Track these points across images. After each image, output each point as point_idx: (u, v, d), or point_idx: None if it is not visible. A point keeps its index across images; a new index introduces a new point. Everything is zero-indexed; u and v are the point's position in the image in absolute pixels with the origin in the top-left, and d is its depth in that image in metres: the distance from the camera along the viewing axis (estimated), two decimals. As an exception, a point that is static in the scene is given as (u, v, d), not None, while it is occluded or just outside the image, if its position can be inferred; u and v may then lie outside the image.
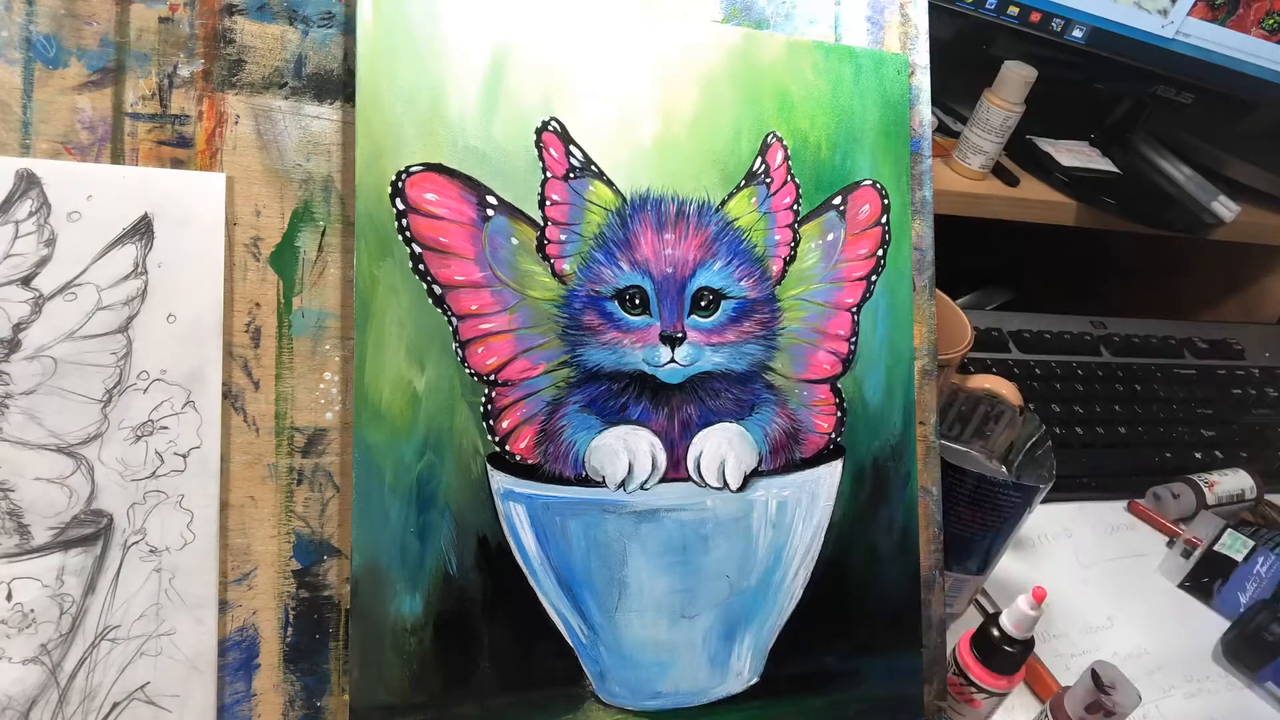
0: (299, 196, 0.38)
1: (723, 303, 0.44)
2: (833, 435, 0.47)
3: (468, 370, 0.40)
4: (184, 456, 0.37)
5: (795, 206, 0.46)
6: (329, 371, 0.39)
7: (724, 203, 0.44)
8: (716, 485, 0.44)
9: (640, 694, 0.43)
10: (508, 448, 0.41)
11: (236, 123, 0.38)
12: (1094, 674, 0.49)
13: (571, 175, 0.41)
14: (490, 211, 0.40)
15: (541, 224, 0.41)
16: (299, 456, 0.39)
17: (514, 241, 0.41)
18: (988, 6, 0.79)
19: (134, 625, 0.36)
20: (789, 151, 0.46)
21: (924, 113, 0.50)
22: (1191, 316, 1.07)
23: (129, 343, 0.36)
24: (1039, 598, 0.49)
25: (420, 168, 0.39)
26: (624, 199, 0.42)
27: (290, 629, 0.38)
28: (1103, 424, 0.84)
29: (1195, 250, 1.03)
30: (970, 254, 0.79)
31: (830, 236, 0.47)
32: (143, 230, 0.36)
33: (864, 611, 0.47)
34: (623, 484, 0.42)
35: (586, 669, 0.42)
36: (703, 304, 0.43)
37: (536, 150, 0.41)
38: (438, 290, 0.39)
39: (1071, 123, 0.95)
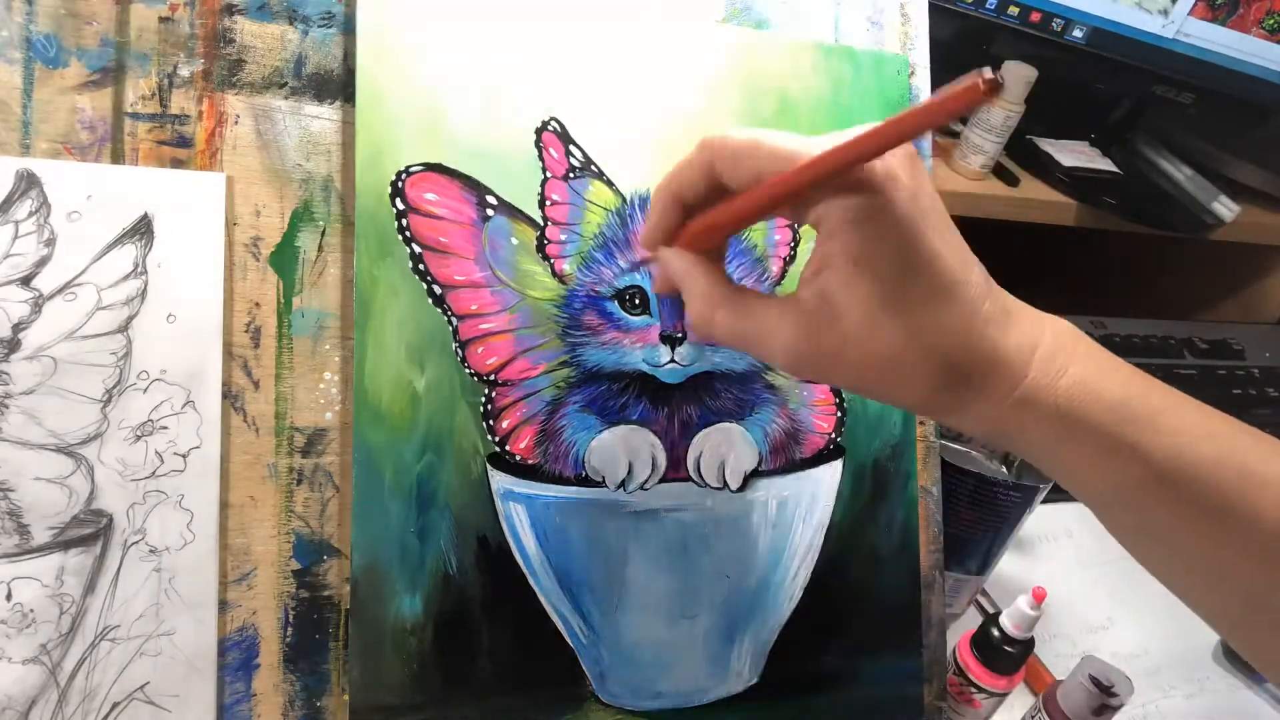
0: (299, 196, 0.38)
1: (723, 303, 0.43)
2: (833, 435, 0.47)
3: (468, 370, 0.40)
4: (184, 456, 0.37)
5: (795, 206, 0.46)
6: (329, 371, 0.39)
7: (724, 203, 0.44)
8: (716, 485, 0.44)
9: (640, 694, 0.43)
10: (508, 448, 0.41)
11: (236, 122, 0.38)
12: (1094, 679, 0.48)
13: (571, 175, 0.41)
14: (490, 211, 0.40)
15: (541, 224, 0.41)
16: (299, 456, 0.39)
17: (514, 241, 0.41)
18: (988, 6, 0.79)
19: (134, 625, 0.36)
20: (789, 151, 0.45)
21: (924, 113, 0.50)
22: (1191, 316, 1.07)
23: (129, 343, 0.36)
24: (1039, 598, 0.49)
25: (420, 168, 0.39)
26: (624, 199, 0.42)
27: (290, 629, 0.38)
28: (1103, 424, 0.84)
29: (1195, 250, 1.03)
30: (970, 254, 0.79)
31: (830, 236, 0.47)
32: (143, 230, 0.36)
33: (864, 612, 0.47)
34: (623, 484, 0.42)
35: (586, 669, 0.42)
36: (703, 304, 0.43)
37: (536, 150, 0.41)
38: (438, 290, 0.39)
39: (1071, 123, 0.95)
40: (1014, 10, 0.79)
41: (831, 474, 0.46)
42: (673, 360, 0.42)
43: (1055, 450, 0.30)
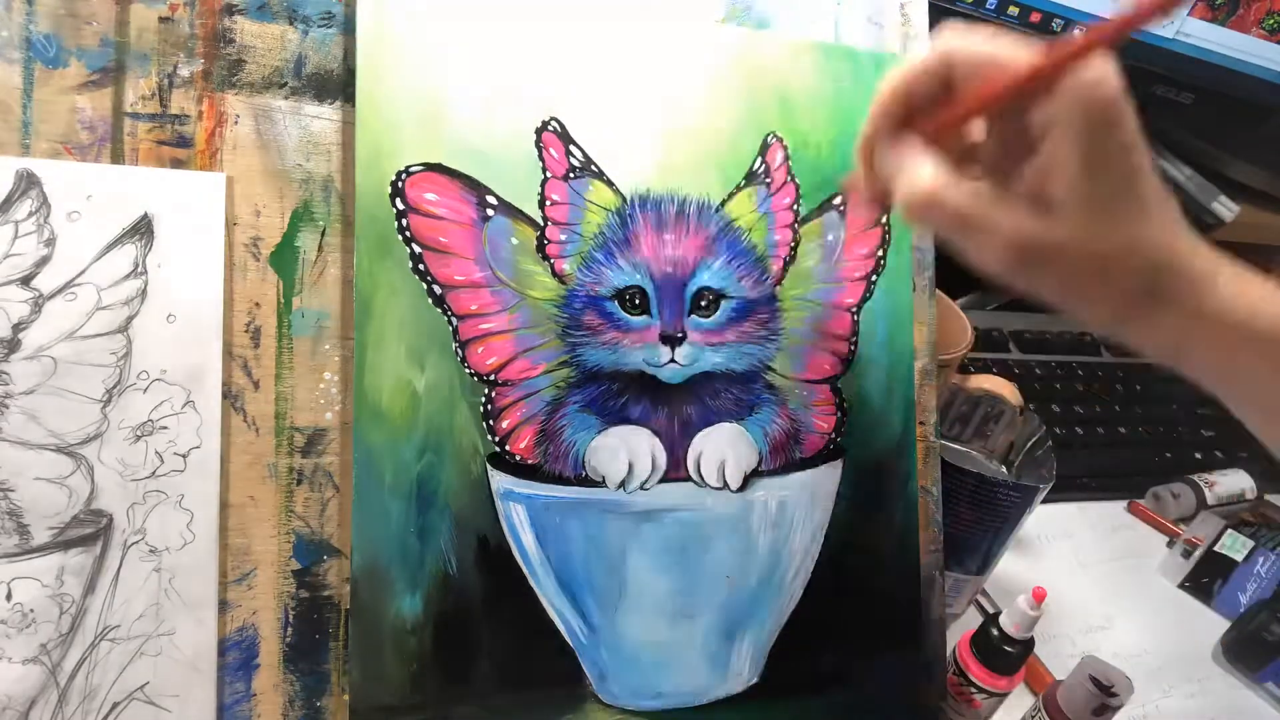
0: (299, 196, 0.38)
1: (723, 303, 0.43)
2: (833, 435, 0.47)
3: (468, 370, 0.40)
4: (184, 456, 0.37)
5: (795, 206, 0.46)
6: (329, 371, 0.39)
7: (724, 203, 0.44)
8: (716, 485, 0.44)
9: (640, 694, 0.43)
10: (508, 448, 0.41)
11: (236, 123, 0.38)
12: (1094, 679, 0.48)
13: (571, 175, 0.41)
14: (490, 211, 0.40)
15: (541, 224, 0.41)
16: (299, 456, 0.39)
17: (514, 241, 0.41)
18: (988, 6, 0.79)
19: (134, 625, 0.36)
20: (789, 151, 0.46)
21: (924, 113, 0.50)
22: (1191, 316, 1.07)
23: (129, 343, 0.36)
24: (1039, 598, 0.49)
25: (420, 168, 0.39)
26: (624, 199, 0.42)
27: (290, 629, 0.38)
28: (1103, 424, 0.84)
29: (1195, 250, 1.03)
30: (970, 254, 0.79)
31: (830, 237, 0.47)
32: (142, 230, 0.36)
33: (864, 611, 0.47)
34: (623, 484, 0.42)
35: (586, 669, 0.42)
36: (703, 304, 0.43)
37: (536, 150, 0.41)
38: (438, 290, 0.39)
39: (1071, 123, 0.94)
40: (1014, 10, 0.79)
41: (831, 474, 0.46)
42: (673, 360, 0.42)
43: (1233, 364, 0.32)
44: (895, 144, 0.34)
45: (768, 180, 0.45)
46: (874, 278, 0.48)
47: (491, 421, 0.40)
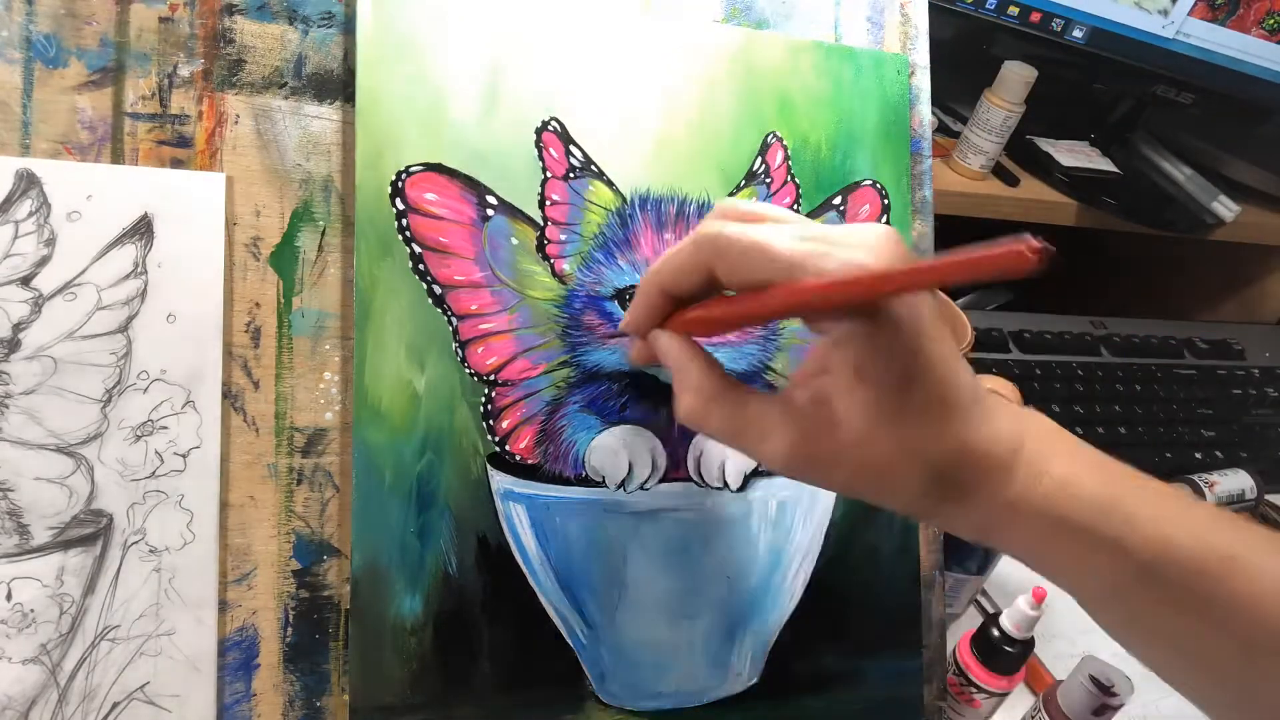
0: (299, 196, 0.38)
1: (723, 303, 0.43)
2: (833, 435, 0.47)
3: (468, 370, 0.40)
4: (184, 456, 0.37)
5: (795, 206, 0.46)
6: (329, 371, 0.39)
7: (724, 203, 0.44)
8: (716, 485, 0.44)
9: (640, 694, 0.43)
10: (508, 448, 0.41)
11: (236, 122, 0.38)
12: (1094, 679, 0.48)
13: (571, 175, 0.41)
14: (490, 211, 0.40)
15: (541, 224, 0.41)
16: (299, 456, 0.39)
17: (514, 241, 0.41)
18: (988, 6, 0.79)
19: (134, 625, 0.36)
20: (789, 151, 0.46)
21: (924, 113, 0.50)
22: (1191, 316, 1.07)
23: (129, 342, 0.36)
24: (1039, 598, 0.49)
25: (420, 168, 0.39)
26: (624, 199, 0.42)
27: (290, 629, 0.38)
28: (1103, 424, 0.84)
29: (1195, 250, 1.03)
30: (970, 254, 0.79)
31: (830, 236, 0.47)
32: (142, 230, 0.36)
33: (864, 611, 0.47)
34: (623, 484, 0.42)
35: (586, 669, 0.42)
36: (703, 304, 0.43)
37: (536, 150, 0.41)
38: (438, 290, 0.39)
39: (1071, 123, 0.95)
40: (1014, 10, 0.79)
41: (831, 474, 0.46)
42: (673, 360, 0.42)
43: (1041, 550, 0.30)
44: (669, 340, 0.33)
45: (768, 180, 0.45)
46: (874, 278, 0.48)
47: (491, 421, 0.40)
